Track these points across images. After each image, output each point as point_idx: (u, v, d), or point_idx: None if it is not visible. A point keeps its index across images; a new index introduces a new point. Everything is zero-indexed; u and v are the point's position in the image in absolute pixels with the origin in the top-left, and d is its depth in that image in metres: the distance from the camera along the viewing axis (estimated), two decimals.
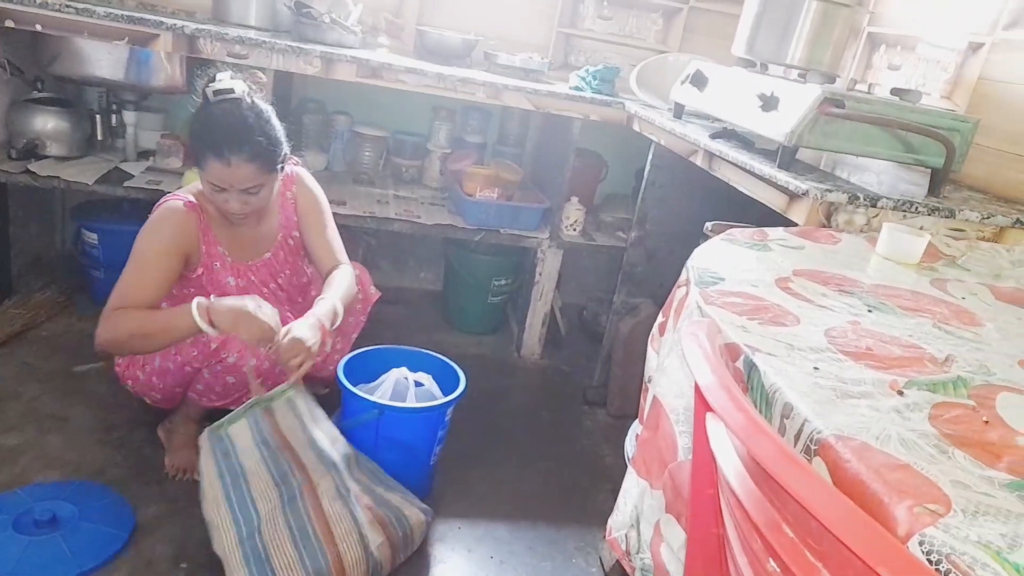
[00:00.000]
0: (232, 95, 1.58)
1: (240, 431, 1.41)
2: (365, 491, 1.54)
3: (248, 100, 1.60)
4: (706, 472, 0.79)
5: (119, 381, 1.79)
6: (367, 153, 2.72)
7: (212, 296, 1.52)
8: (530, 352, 2.62)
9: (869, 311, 1.01)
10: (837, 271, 1.17)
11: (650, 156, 2.19)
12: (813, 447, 0.67)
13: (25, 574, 1.38)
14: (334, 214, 1.90)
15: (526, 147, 2.91)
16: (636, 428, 1.46)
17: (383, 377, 1.76)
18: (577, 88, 2.40)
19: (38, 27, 1.97)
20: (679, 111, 2.10)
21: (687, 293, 1.07)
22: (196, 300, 1.48)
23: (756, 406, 0.78)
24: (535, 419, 2.27)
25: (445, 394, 1.78)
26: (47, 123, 2.21)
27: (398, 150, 2.79)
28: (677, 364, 1.02)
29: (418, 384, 1.76)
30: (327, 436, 1.53)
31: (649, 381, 1.26)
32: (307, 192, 1.83)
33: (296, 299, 1.91)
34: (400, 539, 1.56)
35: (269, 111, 1.64)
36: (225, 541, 1.38)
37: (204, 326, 1.46)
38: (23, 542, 1.43)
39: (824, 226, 1.43)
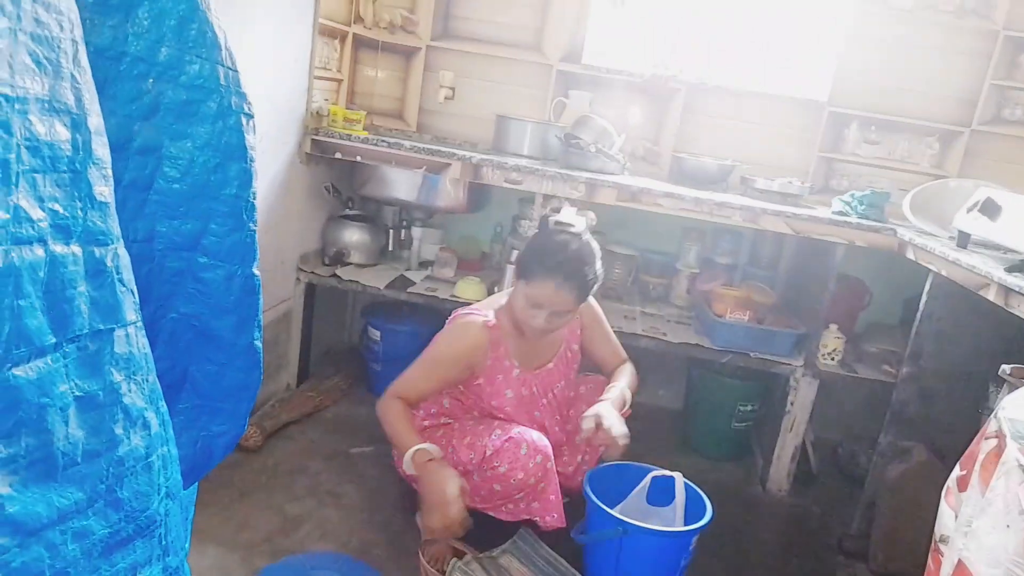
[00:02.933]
0: (572, 228, 1.76)
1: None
2: None
3: (585, 237, 1.78)
4: None
5: (393, 463, 1.98)
6: (617, 270, 2.83)
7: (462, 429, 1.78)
8: (776, 487, 2.45)
9: None
10: None
11: (927, 287, 2.02)
12: None
13: None
14: None
15: (779, 270, 2.84)
16: None
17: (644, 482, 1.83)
18: (841, 212, 2.33)
19: (358, 158, 2.39)
20: (964, 240, 1.94)
21: (1000, 447, 0.96)
22: (417, 448, 1.69)
23: None
24: (783, 562, 2.09)
25: (688, 521, 1.73)
26: (353, 235, 2.62)
27: (646, 268, 2.87)
28: (991, 528, 0.91)
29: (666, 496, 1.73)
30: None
31: (942, 541, 1.12)
32: (589, 307, 1.97)
33: (565, 410, 2.01)
34: None
35: (598, 250, 1.81)
36: None
37: (409, 469, 1.70)
38: None
39: None
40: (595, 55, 2.83)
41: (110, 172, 0.70)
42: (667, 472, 1.87)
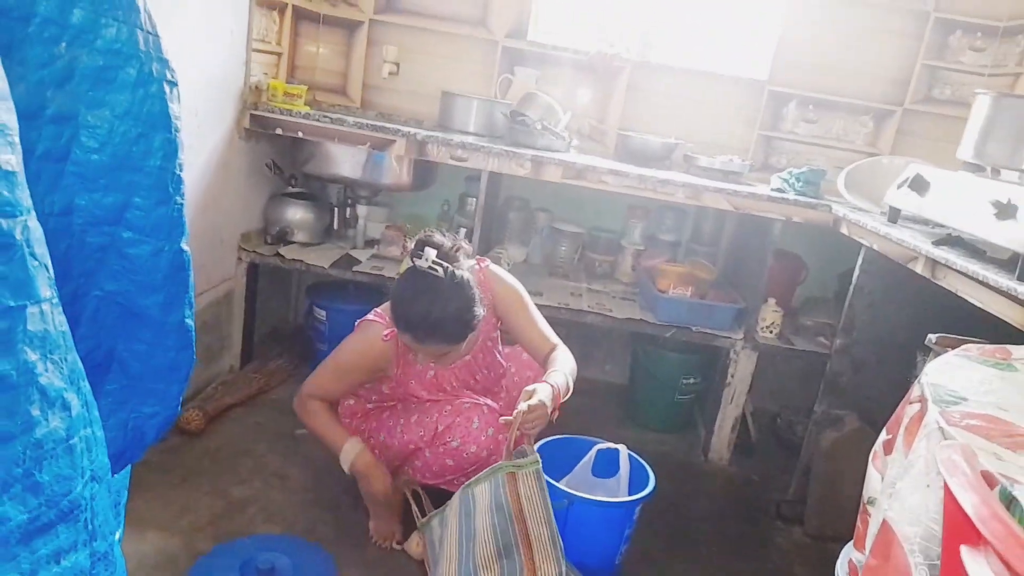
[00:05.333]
0: (436, 273, 1.61)
1: (482, 492, 1.49)
2: None
3: (448, 277, 1.61)
4: None
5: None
6: (563, 248, 2.84)
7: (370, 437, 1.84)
8: (717, 456, 2.51)
9: None
10: None
11: (859, 261, 2.09)
12: None
13: None
14: None
15: (720, 246, 2.90)
16: (850, 552, 1.34)
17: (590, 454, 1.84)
18: (779, 190, 2.38)
19: (300, 134, 2.33)
20: (895, 215, 2.00)
21: (922, 411, 1.00)
22: (350, 442, 1.77)
23: None
24: (722, 528, 2.16)
25: (632, 492, 1.76)
26: (296, 214, 2.56)
27: (593, 246, 2.89)
28: (913, 488, 0.95)
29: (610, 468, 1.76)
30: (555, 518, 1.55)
31: (870, 503, 1.17)
32: (504, 289, 1.87)
33: (493, 389, 1.99)
34: None
35: (466, 283, 1.65)
36: None
37: (345, 467, 1.77)
38: None
39: None
40: (541, 32, 2.82)
41: (17, 139, 0.67)
42: (612, 445, 1.90)
